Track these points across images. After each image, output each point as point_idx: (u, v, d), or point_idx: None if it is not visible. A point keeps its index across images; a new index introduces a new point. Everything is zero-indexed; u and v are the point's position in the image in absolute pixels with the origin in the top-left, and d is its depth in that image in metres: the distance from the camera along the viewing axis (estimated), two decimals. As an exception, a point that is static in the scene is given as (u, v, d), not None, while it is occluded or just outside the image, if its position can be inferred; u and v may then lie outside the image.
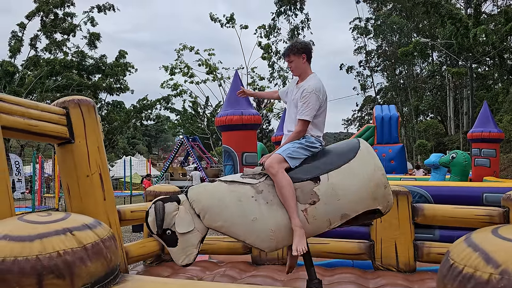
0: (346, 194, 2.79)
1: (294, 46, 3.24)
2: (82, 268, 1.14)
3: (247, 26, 33.35)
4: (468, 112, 30.89)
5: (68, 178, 3.49)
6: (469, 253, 1.01)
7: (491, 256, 0.97)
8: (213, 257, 5.11)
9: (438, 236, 5.06)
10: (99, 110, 33.92)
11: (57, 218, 1.23)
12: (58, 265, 1.09)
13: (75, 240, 1.16)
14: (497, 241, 1.01)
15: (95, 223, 1.29)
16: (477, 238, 1.06)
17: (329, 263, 4.54)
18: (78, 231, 1.19)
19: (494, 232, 1.06)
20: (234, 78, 7.31)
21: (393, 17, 39.30)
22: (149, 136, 71.11)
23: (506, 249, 0.97)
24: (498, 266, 0.94)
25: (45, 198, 18.40)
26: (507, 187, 5.17)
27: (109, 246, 1.24)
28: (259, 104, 36.51)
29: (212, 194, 2.87)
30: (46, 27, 31.00)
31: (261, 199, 2.81)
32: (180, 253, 2.81)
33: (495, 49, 25.05)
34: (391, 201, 2.94)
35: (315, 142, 3.11)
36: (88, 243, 1.18)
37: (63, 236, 1.15)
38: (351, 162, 2.88)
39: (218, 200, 2.83)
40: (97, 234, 1.23)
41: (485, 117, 10.06)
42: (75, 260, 1.12)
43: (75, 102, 3.46)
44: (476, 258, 0.98)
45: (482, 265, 0.96)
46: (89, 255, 1.16)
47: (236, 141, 6.58)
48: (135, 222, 4.57)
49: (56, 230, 1.16)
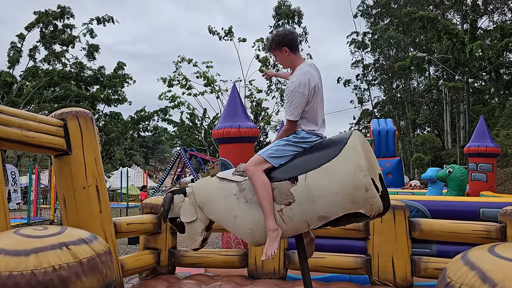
0: (322, 195, 2.68)
1: (273, 40, 3.06)
2: (77, 284, 1.13)
3: (245, 39, 33.63)
4: (465, 126, 31.01)
5: (64, 190, 3.48)
6: (466, 271, 1.01)
7: (487, 275, 0.96)
8: (209, 270, 5.08)
9: (436, 251, 5.03)
10: (97, 121, 33.90)
11: (53, 232, 1.22)
12: (53, 280, 1.08)
13: (71, 255, 1.15)
14: (493, 260, 1.01)
15: (91, 237, 1.28)
16: (473, 257, 1.06)
17: (326, 277, 4.51)
18: (74, 245, 1.18)
19: (490, 251, 1.06)
20: (232, 90, 7.34)
21: (390, 31, 39.62)
22: (146, 148, 71.08)
23: (503, 268, 0.97)
24: (494, 285, 0.93)
25: (40, 209, 18.29)
26: (504, 202, 5.16)
27: (105, 261, 1.23)
28: (256, 117, 36.61)
29: (206, 189, 3.08)
30: (46, 38, 31.12)
31: (242, 197, 2.89)
32: (188, 239, 3.14)
33: (491, 64, 25.26)
34: (376, 205, 2.66)
35: (307, 136, 2.97)
36: (84, 258, 1.17)
37: (59, 250, 1.14)
38: (332, 161, 2.72)
39: (210, 195, 3.03)
40: (93, 248, 1.22)
41: (482, 131, 10.11)
42: (70, 275, 1.11)
43: (73, 114, 3.47)
44: (473, 277, 0.98)
45: (479, 284, 0.96)
46: (84, 270, 1.15)
47: (233, 154, 6.57)
48: (131, 234, 4.55)
49: (52, 245, 1.15)
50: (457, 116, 36.54)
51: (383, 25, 42.23)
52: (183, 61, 32.43)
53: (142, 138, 50.46)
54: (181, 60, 32.46)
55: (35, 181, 17.65)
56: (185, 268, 5.11)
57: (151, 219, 4.46)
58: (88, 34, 32.85)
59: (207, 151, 34.72)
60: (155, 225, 4.49)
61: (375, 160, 2.81)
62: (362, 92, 47.97)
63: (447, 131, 37.13)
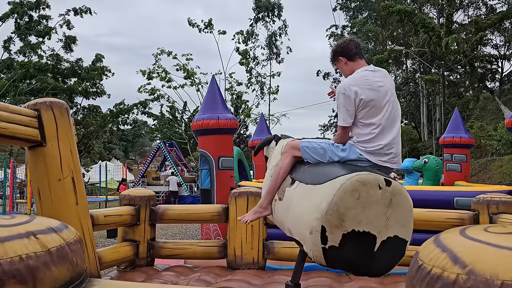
0: (292, 210, 2.59)
1: (331, 53, 3.03)
2: (46, 273, 1.10)
3: (225, 32, 33.47)
4: (440, 118, 31.61)
5: (39, 182, 3.40)
6: (437, 253, 1.02)
7: (458, 256, 0.98)
8: (188, 261, 5.06)
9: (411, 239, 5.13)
10: (75, 114, 33.30)
11: (21, 221, 1.18)
12: (20, 270, 1.05)
13: (39, 244, 1.12)
14: (464, 242, 1.02)
15: (61, 226, 1.25)
16: (445, 239, 1.08)
17: (305, 267, 4.54)
18: (43, 234, 1.15)
19: (462, 233, 1.07)
20: (210, 83, 7.29)
21: (369, 25, 40.00)
22: (125, 141, 70.20)
23: (473, 249, 0.99)
24: (465, 266, 0.95)
25: (17, 203, 17.93)
26: (477, 191, 5.29)
27: (75, 250, 1.20)
28: (236, 110, 36.55)
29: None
30: (20, 29, 30.36)
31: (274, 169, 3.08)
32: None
33: (466, 57, 25.73)
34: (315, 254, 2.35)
35: (342, 150, 2.68)
36: (52, 247, 1.14)
37: (26, 240, 1.11)
38: (316, 186, 2.45)
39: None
40: (63, 237, 1.19)
41: (457, 123, 10.30)
42: (38, 265, 1.08)
43: (47, 104, 3.39)
44: (444, 259, 0.99)
45: (450, 265, 0.97)
46: (53, 260, 1.12)
47: (212, 146, 6.55)
48: (109, 226, 4.49)
49: (19, 234, 1.11)
50: (433, 109, 37.21)
51: (361, 19, 42.60)
52: (162, 54, 32.12)
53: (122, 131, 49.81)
54: (160, 53, 32.14)
55: (11, 175, 17.28)
56: (164, 260, 5.08)
57: (129, 210, 4.41)
58: (64, 25, 32.20)
59: (187, 144, 34.51)
60: (133, 217, 4.44)
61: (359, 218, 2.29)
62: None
63: (424, 123, 37.79)
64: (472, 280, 0.91)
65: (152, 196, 4.63)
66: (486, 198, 3.98)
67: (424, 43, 27.50)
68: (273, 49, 40.80)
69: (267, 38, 41.22)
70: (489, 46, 31.69)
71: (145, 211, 4.51)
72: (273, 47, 40.76)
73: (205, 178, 6.51)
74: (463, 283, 0.92)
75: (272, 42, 41.00)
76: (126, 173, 25.94)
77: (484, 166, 22.74)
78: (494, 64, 32.27)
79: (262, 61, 39.99)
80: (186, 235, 11.53)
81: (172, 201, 20.91)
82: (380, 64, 32.18)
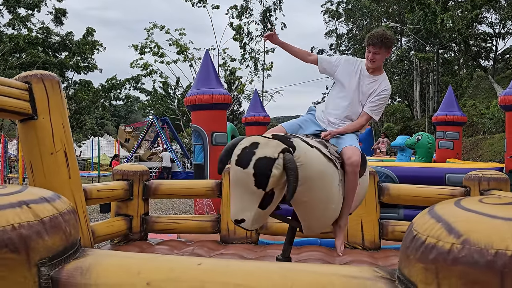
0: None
1: (388, 39, 2.93)
2: (39, 242, 1.09)
3: (218, 6, 32.87)
4: (434, 96, 31.65)
5: (30, 156, 3.37)
6: (432, 224, 1.03)
7: (453, 226, 0.98)
8: (181, 236, 5.10)
9: (403, 215, 5.20)
10: (66, 89, 32.92)
11: (13, 191, 1.17)
12: (13, 239, 1.05)
13: (31, 213, 1.11)
14: (459, 212, 1.03)
15: (54, 196, 1.23)
16: (440, 210, 1.08)
17: (297, 241, 4.59)
18: (35, 204, 1.14)
19: (456, 204, 1.08)
20: (204, 58, 7.19)
21: (364, 1, 39.53)
22: (118, 117, 69.79)
23: (468, 219, 0.99)
24: (459, 236, 0.95)
25: (8, 178, 17.88)
26: (469, 167, 5.34)
27: (68, 219, 1.19)
28: (230, 86, 36.31)
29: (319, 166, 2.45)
30: (9, 1, 29.64)
31: (341, 188, 2.66)
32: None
33: (461, 35, 25.64)
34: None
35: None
36: (45, 216, 1.13)
37: (18, 209, 1.09)
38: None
39: (323, 174, 2.47)
40: (56, 207, 1.18)
41: (450, 101, 10.31)
42: (31, 234, 1.07)
43: (38, 77, 3.32)
44: (439, 229, 1.00)
45: (444, 235, 0.97)
46: (46, 229, 1.11)
47: (206, 121, 6.51)
48: (102, 201, 4.49)
49: (10, 203, 1.10)
50: (426, 87, 37.22)
51: (357, -6, 42.05)
52: (155, 28, 31.52)
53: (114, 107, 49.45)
54: (153, 27, 31.53)
55: (2, 150, 17.17)
56: (158, 234, 5.11)
57: (122, 185, 4.40)
58: (54, -3, 31.50)
59: (180, 120, 34.34)
60: (127, 192, 4.43)
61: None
62: (335, 62, 48.05)
63: (417, 101, 37.85)
64: (467, 250, 0.92)
65: (146, 171, 4.62)
66: (478, 174, 4.02)
67: (419, 20, 27.33)
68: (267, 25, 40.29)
69: (262, 13, 40.66)
70: (484, 24, 31.54)
71: (138, 186, 4.50)
72: (267, 22, 40.24)
73: (199, 153, 6.50)
74: (457, 252, 0.92)
75: (267, 17, 40.46)
76: (118, 149, 25.85)
77: (476, 144, 22.93)
78: (489, 42, 32.17)
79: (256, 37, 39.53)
80: (179, 211, 11.58)
81: (165, 177, 20.93)
82: (375, 41, 31.98)
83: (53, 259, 1.14)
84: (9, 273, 1.07)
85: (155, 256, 1.26)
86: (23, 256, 1.07)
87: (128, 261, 1.22)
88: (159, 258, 1.25)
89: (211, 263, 1.23)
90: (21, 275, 1.09)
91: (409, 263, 1.04)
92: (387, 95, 3.04)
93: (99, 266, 1.18)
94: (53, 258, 1.14)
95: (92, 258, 1.20)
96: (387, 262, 3.83)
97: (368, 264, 3.77)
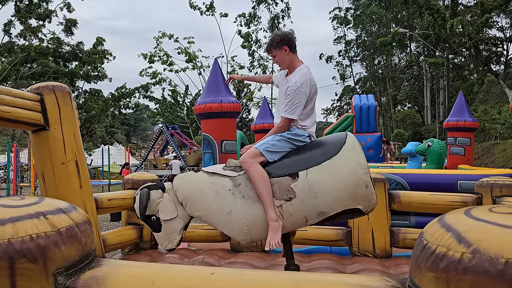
0: (323, 192, 2.69)
1: (273, 39, 3.08)
2: (56, 252, 1.12)
3: (227, 14, 33.14)
4: (444, 102, 31.46)
5: (43, 166, 3.42)
6: (442, 233, 1.03)
7: (463, 235, 0.99)
8: (192, 245, 5.11)
9: (414, 222, 5.16)
10: (76, 98, 33.27)
11: (30, 202, 1.20)
12: (31, 249, 1.07)
13: (48, 224, 1.14)
14: (469, 221, 1.03)
15: (70, 207, 1.26)
16: (450, 219, 1.09)
17: (307, 249, 4.59)
18: (52, 215, 1.17)
19: (466, 213, 1.08)
20: (213, 66, 7.24)
21: (372, 7, 39.51)
22: (127, 125, 70.32)
23: (478, 228, 1.00)
24: (470, 245, 0.96)
25: (20, 187, 18.05)
26: (481, 174, 5.30)
27: (84, 230, 1.22)
28: (239, 93, 36.43)
29: (194, 184, 2.90)
30: (21, 12, 30.13)
31: (237, 192, 2.78)
32: (164, 238, 2.93)
33: (471, 40, 25.49)
34: (373, 201, 2.77)
35: (300, 134, 3.00)
36: (62, 227, 1.16)
37: (36, 220, 1.12)
38: (333, 159, 2.76)
39: (199, 190, 2.85)
40: (72, 218, 1.21)
41: (461, 106, 10.24)
42: (48, 244, 1.10)
43: (50, 88, 3.39)
44: (449, 238, 1.00)
45: (455, 244, 0.98)
46: (63, 239, 1.14)
47: (215, 129, 6.54)
48: (112, 210, 4.52)
49: (29, 214, 1.13)
50: (437, 92, 37.00)
51: (365, 1, 42.05)
52: (164, 37, 31.84)
53: (124, 115, 49.82)
54: (162, 36, 31.86)
55: (14, 159, 17.37)
56: (168, 243, 5.12)
57: (132, 194, 4.43)
58: (65, 8, 31.97)
59: (189, 128, 34.50)
60: (137, 201, 4.46)
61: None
62: (344, 68, 48.12)
63: (427, 106, 37.62)
64: (477, 259, 0.92)
65: (155, 180, 4.66)
66: (490, 181, 3.99)
67: (428, 25, 27.19)
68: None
69: (270, 20, 40.87)
70: (495, 29, 31.34)
71: (149, 194, 4.53)
72: (275, 30, 40.38)
73: (208, 161, 6.53)
74: (468, 261, 0.93)
75: (275, 25, 40.66)
76: (128, 157, 26.01)
77: (488, 149, 22.72)
78: (499, 46, 31.94)
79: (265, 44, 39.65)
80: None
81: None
82: (384, 47, 31.98)
83: (69, 269, 1.16)
84: (27, 282, 1.10)
85: (168, 266, 1.28)
86: (41, 266, 1.10)
87: (142, 271, 1.24)
88: (172, 268, 1.27)
89: (223, 272, 1.24)
90: (38, 284, 1.12)
91: (420, 272, 1.05)
92: (292, 90, 2.95)
93: (113, 276, 1.21)
94: (69, 268, 1.17)
95: (106, 268, 1.23)
96: (398, 270, 3.81)
97: (379, 272, 3.75)
